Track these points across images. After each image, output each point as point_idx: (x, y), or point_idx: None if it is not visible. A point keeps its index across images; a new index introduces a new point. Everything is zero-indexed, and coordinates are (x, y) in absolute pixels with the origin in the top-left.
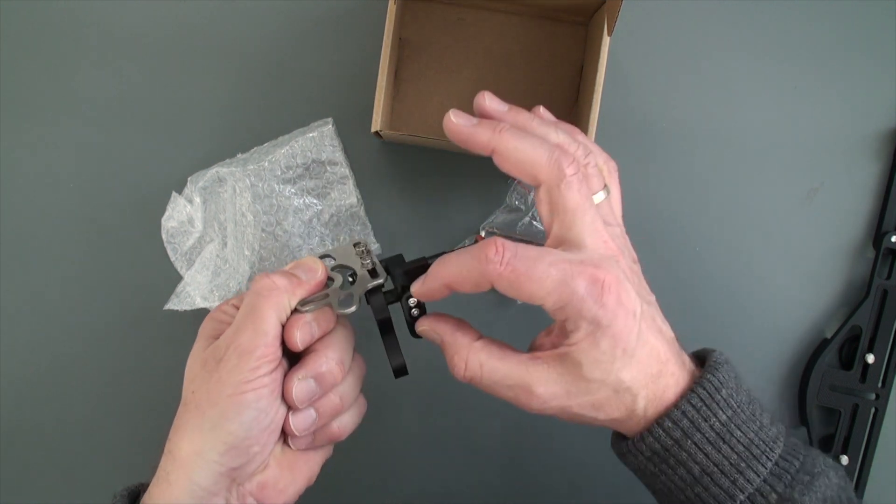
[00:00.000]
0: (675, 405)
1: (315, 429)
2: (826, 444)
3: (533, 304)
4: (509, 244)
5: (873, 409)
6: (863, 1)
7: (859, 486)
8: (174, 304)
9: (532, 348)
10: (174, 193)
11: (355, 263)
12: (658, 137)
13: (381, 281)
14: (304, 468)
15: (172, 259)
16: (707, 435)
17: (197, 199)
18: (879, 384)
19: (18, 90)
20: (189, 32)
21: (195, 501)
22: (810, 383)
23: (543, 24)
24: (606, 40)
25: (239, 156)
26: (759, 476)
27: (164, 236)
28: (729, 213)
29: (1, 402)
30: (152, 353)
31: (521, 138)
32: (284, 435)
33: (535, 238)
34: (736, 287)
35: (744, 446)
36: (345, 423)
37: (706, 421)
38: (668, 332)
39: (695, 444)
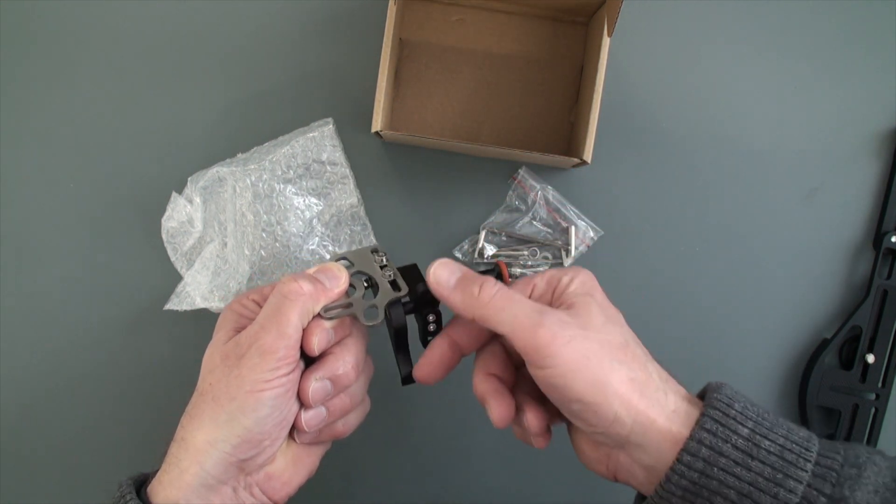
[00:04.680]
0: (690, 436)
1: (323, 426)
2: None
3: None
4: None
5: (873, 409)
6: (863, 1)
7: None
8: (174, 304)
9: None
10: (174, 193)
11: (375, 272)
12: (658, 137)
13: (403, 294)
14: (307, 461)
15: (172, 259)
16: (732, 456)
17: (197, 199)
18: (879, 384)
19: (19, 90)
20: (189, 33)
21: (205, 488)
22: (810, 383)
23: (543, 24)
24: (606, 40)
25: (239, 155)
26: (801, 483)
27: (164, 236)
28: (729, 213)
29: (1, 402)
30: (152, 353)
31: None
32: (291, 428)
33: (535, 238)
34: (736, 287)
35: (776, 456)
36: (350, 422)
37: (727, 442)
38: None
39: (721, 469)
